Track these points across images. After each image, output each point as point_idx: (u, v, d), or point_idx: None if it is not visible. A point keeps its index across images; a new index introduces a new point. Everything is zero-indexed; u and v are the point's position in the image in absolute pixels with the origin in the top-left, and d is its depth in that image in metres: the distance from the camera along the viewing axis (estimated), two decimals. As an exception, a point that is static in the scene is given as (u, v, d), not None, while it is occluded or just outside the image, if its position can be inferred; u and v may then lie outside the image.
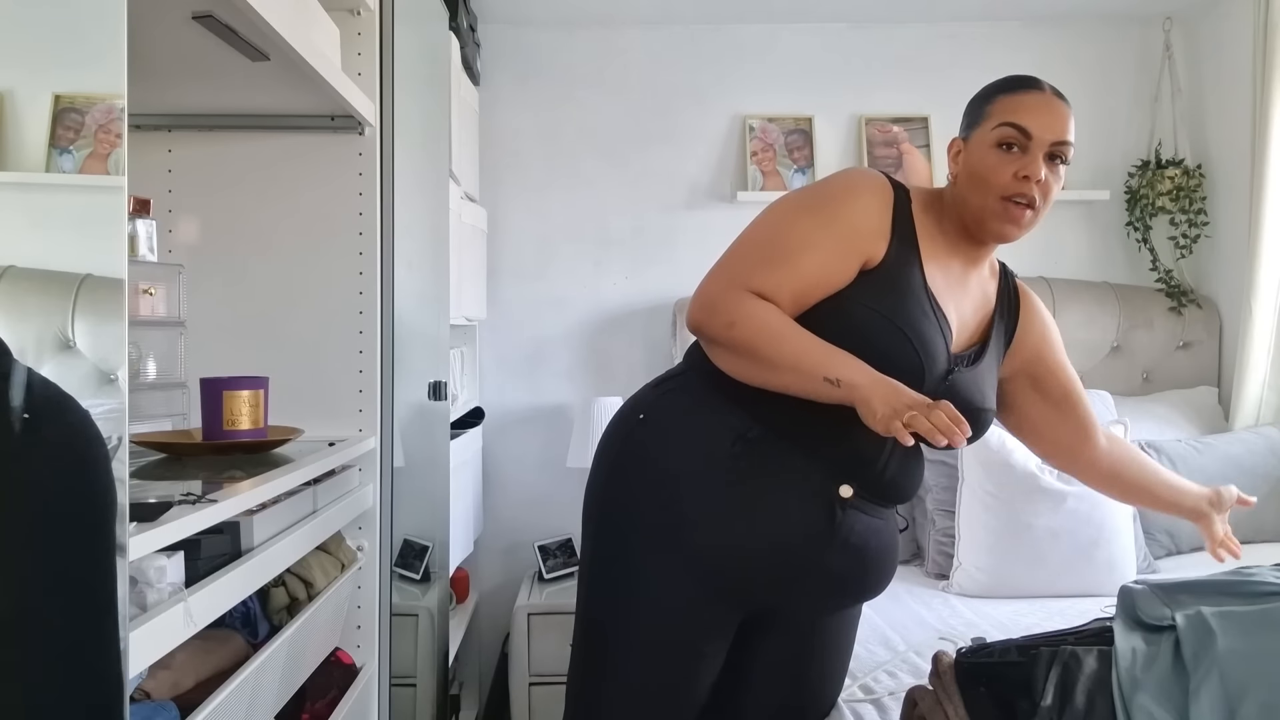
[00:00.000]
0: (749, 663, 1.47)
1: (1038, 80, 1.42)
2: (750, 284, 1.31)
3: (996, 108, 1.39)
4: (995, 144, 1.36)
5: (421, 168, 2.03)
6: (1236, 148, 2.91)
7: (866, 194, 1.38)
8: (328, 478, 1.51)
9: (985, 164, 1.37)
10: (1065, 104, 1.41)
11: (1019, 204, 1.35)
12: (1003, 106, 1.38)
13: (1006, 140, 1.36)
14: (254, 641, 1.35)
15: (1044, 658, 1.20)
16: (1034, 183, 1.34)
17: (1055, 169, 1.37)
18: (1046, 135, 1.35)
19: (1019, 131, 1.35)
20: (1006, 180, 1.34)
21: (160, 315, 1.56)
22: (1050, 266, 3.13)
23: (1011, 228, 1.37)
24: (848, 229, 1.34)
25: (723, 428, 1.35)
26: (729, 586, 1.37)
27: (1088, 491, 2.28)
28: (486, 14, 3.03)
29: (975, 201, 1.37)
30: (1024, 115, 1.36)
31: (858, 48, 3.12)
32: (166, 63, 1.39)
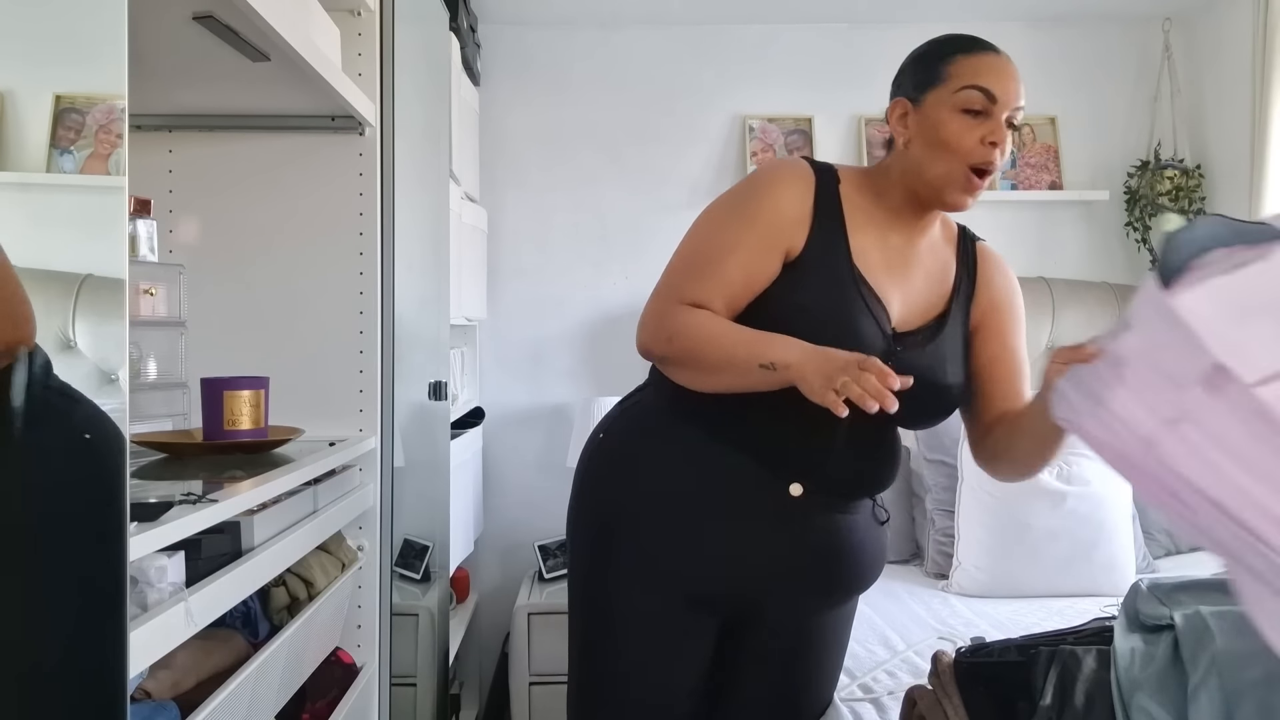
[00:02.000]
0: (741, 660, 1.47)
1: (989, 43, 1.38)
2: (684, 297, 1.30)
3: (957, 69, 1.33)
4: (961, 109, 1.31)
5: (421, 168, 2.03)
6: (1236, 148, 2.91)
7: (783, 184, 1.35)
8: (328, 478, 1.51)
9: (949, 129, 1.31)
10: (1016, 69, 1.36)
11: (984, 173, 1.31)
12: (965, 68, 1.33)
13: (973, 106, 1.30)
14: (254, 641, 1.35)
15: (1043, 657, 1.20)
16: (998, 149, 1.30)
17: (1012, 135, 1.33)
18: (1011, 100, 1.30)
19: (986, 96, 1.29)
20: (973, 146, 1.29)
21: (161, 315, 1.56)
22: (1050, 267, 3.13)
23: (968, 198, 1.32)
24: (766, 224, 1.31)
25: (677, 443, 1.37)
26: (696, 597, 1.38)
27: (1087, 491, 2.29)
28: (486, 14, 3.04)
29: (937, 169, 1.32)
30: (988, 78, 1.30)
31: (858, 48, 3.12)
32: (167, 63, 1.39)
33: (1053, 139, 3.13)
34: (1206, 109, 3.07)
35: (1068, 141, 3.14)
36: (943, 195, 1.33)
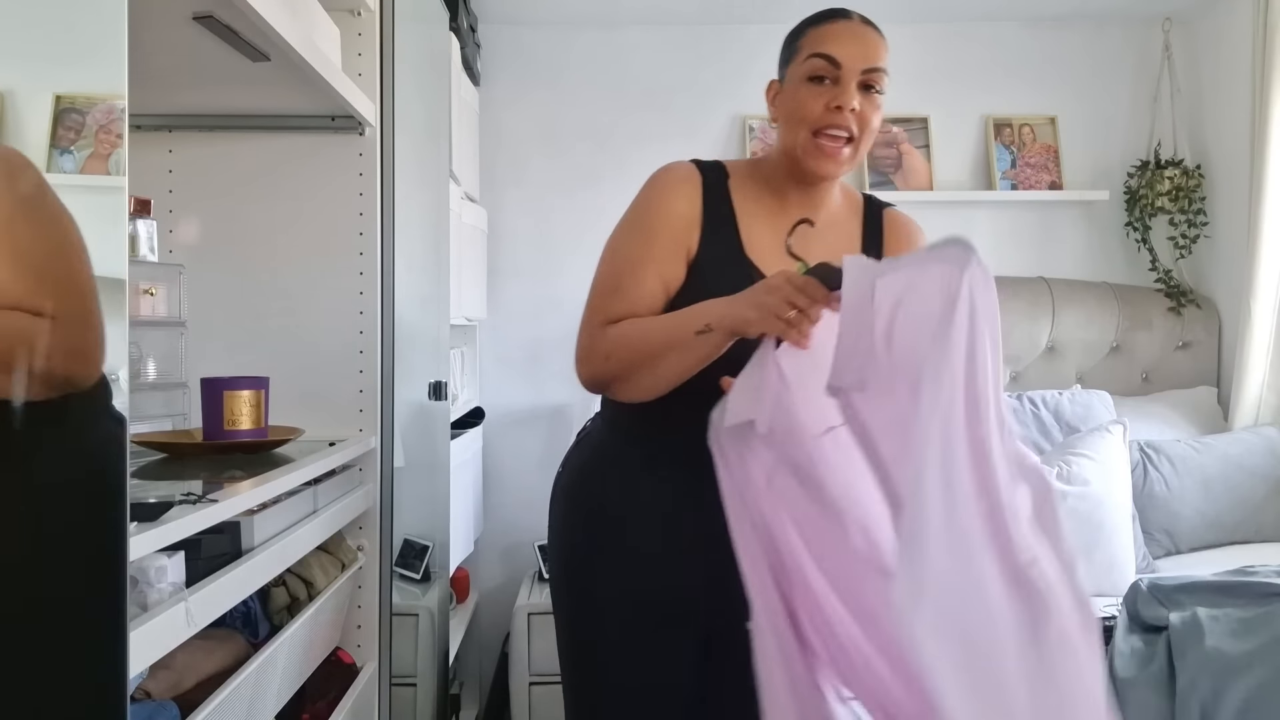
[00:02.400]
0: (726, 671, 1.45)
1: (846, 10, 1.38)
2: (609, 318, 1.33)
3: (805, 41, 1.35)
4: (806, 77, 1.33)
5: (421, 168, 2.03)
6: (1236, 148, 2.91)
7: (671, 190, 1.38)
8: (328, 478, 1.51)
9: (798, 99, 1.33)
10: (876, 32, 1.37)
11: (835, 137, 1.31)
12: (811, 39, 1.35)
13: (817, 73, 1.32)
14: (254, 641, 1.35)
15: (1043, 657, 1.19)
16: (847, 112, 1.30)
17: (871, 98, 1.33)
18: (856, 64, 1.31)
19: (828, 61, 1.31)
20: (819, 113, 1.30)
21: (161, 315, 1.56)
22: (1049, 267, 3.14)
23: (828, 163, 1.32)
24: (665, 232, 1.35)
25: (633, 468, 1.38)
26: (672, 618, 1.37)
27: (1087, 491, 2.29)
28: (486, 14, 3.04)
29: (792, 140, 1.34)
30: (831, 44, 1.32)
31: (857, 48, 3.12)
32: (167, 63, 1.39)
33: (1053, 139, 3.13)
34: (1206, 109, 3.07)
35: (1068, 141, 3.14)
36: (803, 165, 1.34)
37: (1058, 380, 2.98)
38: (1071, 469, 2.32)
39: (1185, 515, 2.55)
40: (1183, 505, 2.55)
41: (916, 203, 3.11)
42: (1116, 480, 2.34)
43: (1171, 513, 2.54)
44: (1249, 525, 2.58)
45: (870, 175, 3.10)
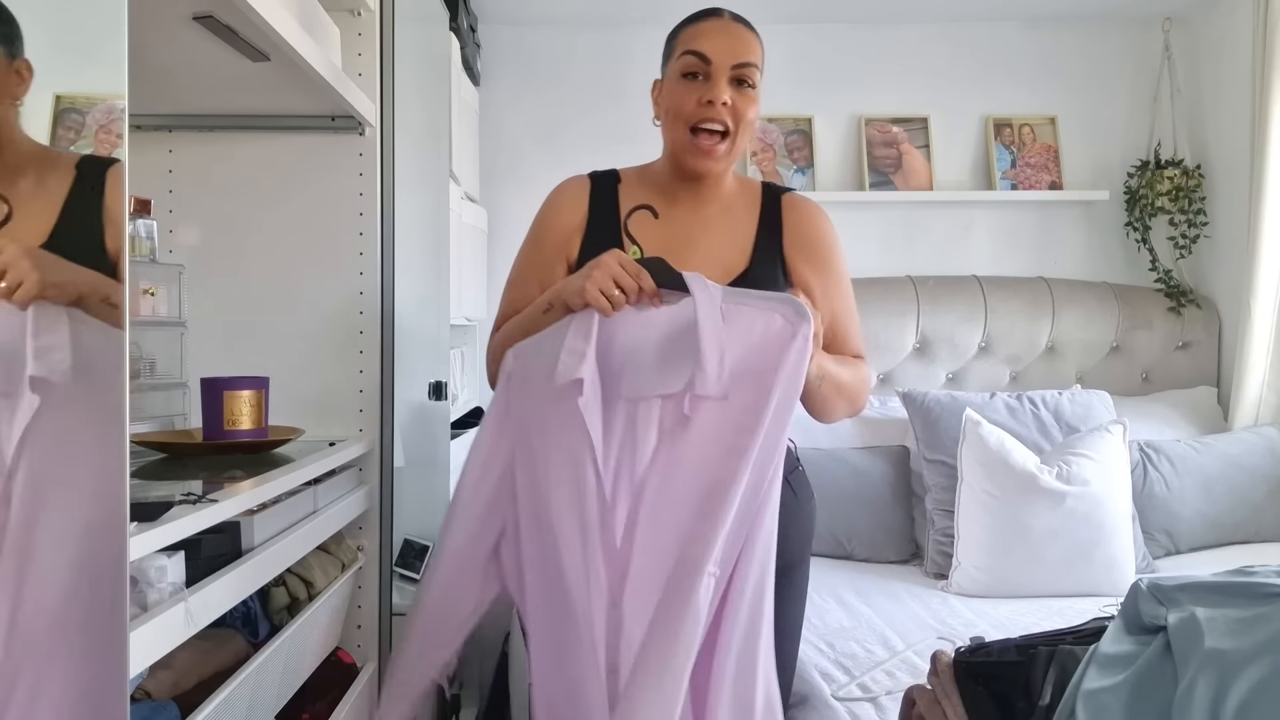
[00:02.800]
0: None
1: (719, 9, 1.43)
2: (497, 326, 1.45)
3: (680, 40, 1.41)
4: (680, 75, 1.38)
5: (421, 168, 2.03)
6: (1236, 148, 2.91)
7: (558, 201, 1.48)
8: (328, 478, 1.51)
9: (673, 95, 1.39)
10: (747, 29, 1.43)
11: (711, 133, 1.37)
12: (685, 38, 1.40)
13: (689, 69, 1.37)
14: (254, 641, 1.35)
15: (1042, 657, 1.20)
16: (719, 106, 1.35)
17: (744, 92, 1.38)
18: (726, 59, 1.37)
19: (698, 58, 1.37)
20: (692, 108, 1.36)
21: (161, 315, 1.57)
22: (1049, 267, 3.14)
23: (705, 160, 1.38)
24: (548, 242, 1.45)
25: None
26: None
27: (1087, 491, 2.29)
28: (486, 14, 3.04)
29: (670, 136, 1.41)
30: (701, 42, 1.37)
31: (858, 48, 3.12)
32: (167, 63, 1.39)
33: (1053, 139, 3.13)
34: (1206, 109, 3.07)
35: (1068, 141, 3.14)
36: (683, 160, 1.41)
37: (1058, 380, 2.99)
38: (1071, 469, 2.32)
39: (1185, 515, 2.55)
40: (1182, 505, 2.55)
41: (917, 203, 3.11)
42: (1116, 480, 2.34)
43: (1171, 513, 2.54)
44: (1249, 525, 2.58)
45: (870, 175, 3.10)
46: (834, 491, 2.56)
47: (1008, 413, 2.57)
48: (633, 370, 1.25)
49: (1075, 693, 1.11)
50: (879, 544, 2.58)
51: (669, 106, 1.40)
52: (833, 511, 2.56)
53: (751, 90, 1.39)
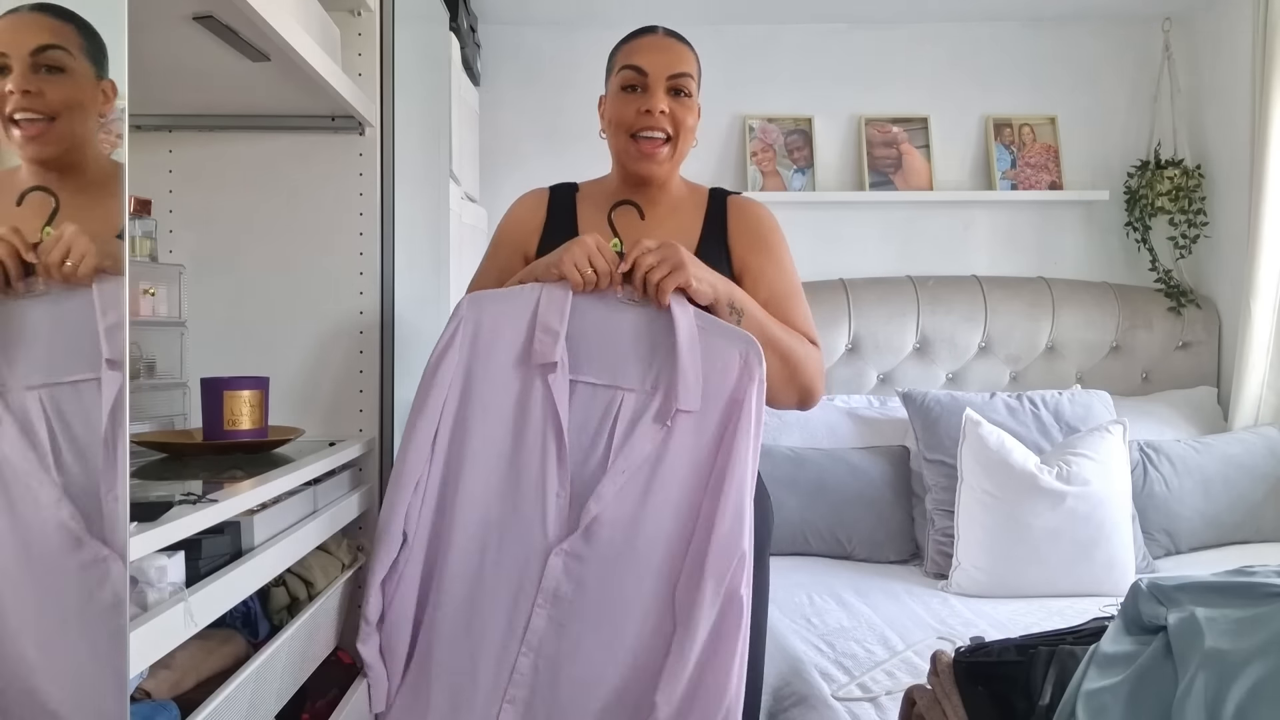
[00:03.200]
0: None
1: (654, 27, 1.54)
2: None
3: (619, 57, 1.51)
4: (620, 88, 1.48)
5: (421, 168, 2.03)
6: (1236, 148, 2.91)
7: (517, 208, 1.60)
8: (328, 478, 1.51)
9: (615, 109, 1.49)
10: (680, 43, 1.52)
11: (651, 139, 1.46)
12: (623, 54, 1.50)
13: (628, 83, 1.47)
14: (254, 641, 1.35)
15: (1042, 657, 1.20)
16: (657, 114, 1.45)
17: (681, 101, 1.48)
18: (662, 71, 1.46)
19: (636, 71, 1.46)
20: (632, 118, 1.46)
21: (161, 315, 1.57)
22: (1050, 266, 3.14)
23: (648, 162, 1.48)
24: (506, 242, 1.57)
25: None
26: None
27: (1087, 491, 2.29)
28: (486, 14, 3.04)
29: (615, 146, 1.51)
30: (638, 56, 1.47)
31: (858, 48, 3.12)
32: (167, 63, 1.39)
33: (1053, 139, 3.13)
34: (1206, 109, 3.07)
35: (1068, 141, 3.14)
36: (628, 166, 1.50)
37: (1058, 380, 2.99)
38: (1071, 469, 2.32)
39: (1185, 515, 2.55)
40: (1182, 505, 2.55)
41: (917, 203, 3.11)
42: (1116, 480, 2.34)
43: (1171, 513, 2.54)
44: (1249, 525, 2.59)
45: (870, 175, 3.10)
46: (834, 491, 2.57)
47: (1008, 413, 2.58)
48: (598, 358, 1.36)
49: (1075, 693, 1.11)
50: (879, 544, 2.58)
51: (611, 117, 1.49)
52: (833, 511, 2.56)
53: (688, 99, 1.49)
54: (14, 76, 0.86)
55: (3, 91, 0.87)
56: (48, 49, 0.87)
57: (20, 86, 0.86)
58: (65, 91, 0.87)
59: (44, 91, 0.87)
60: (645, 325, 1.35)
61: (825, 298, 2.98)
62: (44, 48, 0.87)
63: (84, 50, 0.87)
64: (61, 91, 0.87)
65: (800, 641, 1.97)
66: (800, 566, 2.46)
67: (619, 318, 1.36)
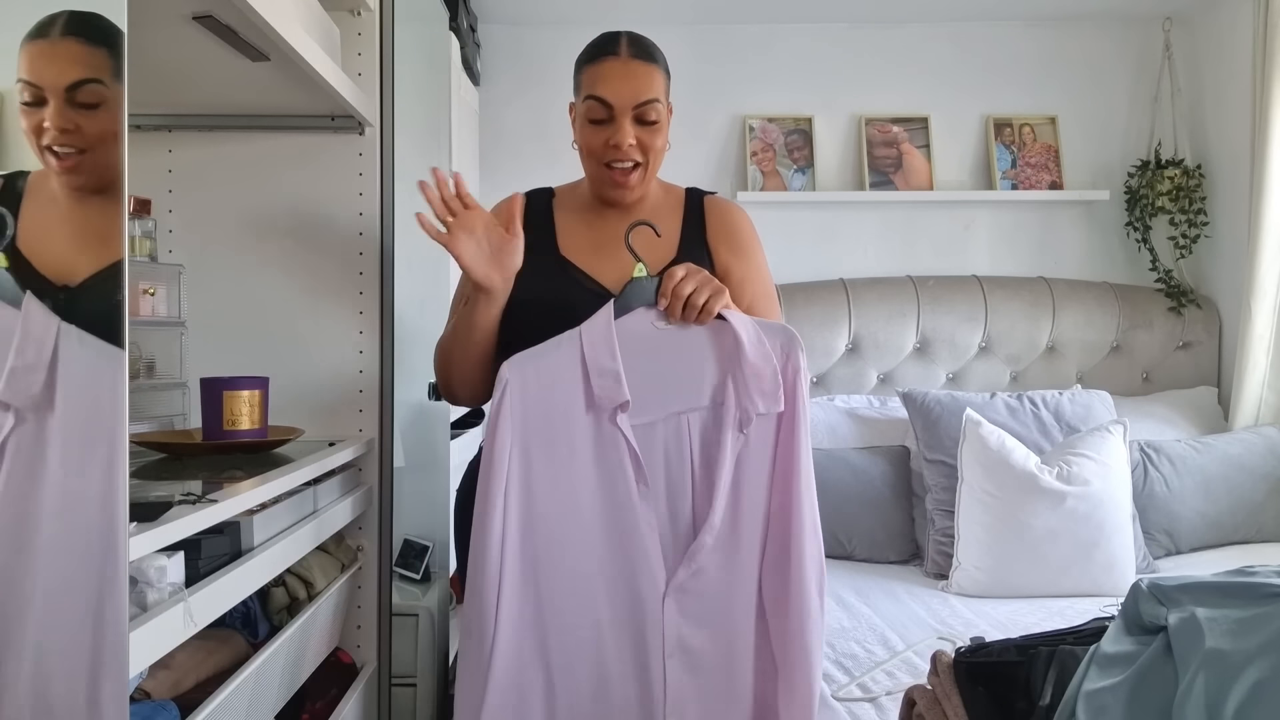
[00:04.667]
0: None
1: (616, 43, 1.49)
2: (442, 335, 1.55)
3: (584, 79, 1.48)
4: (586, 119, 1.46)
5: (421, 168, 2.03)
6: (1236, 148, 2.91)
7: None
8: (328, 478, 1.51)
9: (584, 137, 1.47)
10: (644, 63, 1.47)
11: (621, 168, 1.45)
12: (587, 79, 1.47)
13: (594, 115, 1.45)
14: (254, 641, 1.35)
15: (1042, 657, 1.20)
16: (625, 148, 1.43)
17: (648, 128, 1.46)
18: (627, 102, 1.43)
19: (600, 103, 1.43)
20: (600, 149, 1.45)
21: (160, 315, 1.57)
22: (1050, 266, 3.14)
23: (619, 190, 1.48)
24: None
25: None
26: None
27: (1087, 491, 2.29)
28: (486, 14, 3.04)
29: (587, 168, 1.50)
30: (602, 87, 1.44)
31: (858, 48, 3.12)
32: (166, 63, 1.39)
33: (1053, 139, 3.13)
34: (1206, 109, 3.07)
35: (1068, 141, 3.14)
36: (600, 191, 1.51)
37: (1058, 380, 2.99)
38: (1071, 469, 2.32)
39: (1185, 515, 2.55)
40: (1183, 505, 2.55)
41: (917, 203, 3.11)
42: (1117, 480, 2.34)
43: (1171, 513, 2.54)
44: (1249, 525, 2.58)
45: (870, 175, 3.10)
46: (834, 492, 2.56)
47: (1008, 413, 2.57)
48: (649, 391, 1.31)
49: (1075, 693, 1.11)
50: (879, 544, 2.58)
51: (581, 143, 1.48)
52: (833, 511, 2.56)
53: (655, 124, 1.46)
54: (50, 113, 0.86)
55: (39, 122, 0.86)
56: (83, 84, 0.86)
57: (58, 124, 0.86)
58: (101, 125, 0.87)
59: (81, 127, 0.87)
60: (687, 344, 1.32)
61: (825, 298, 2.98)
62: (80, 83, 0.86)
63: (116, 74, 0.86)
64: (98, 125, 0.87)
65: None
66: (800, 566, 2.46)
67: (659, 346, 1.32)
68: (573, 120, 1.52)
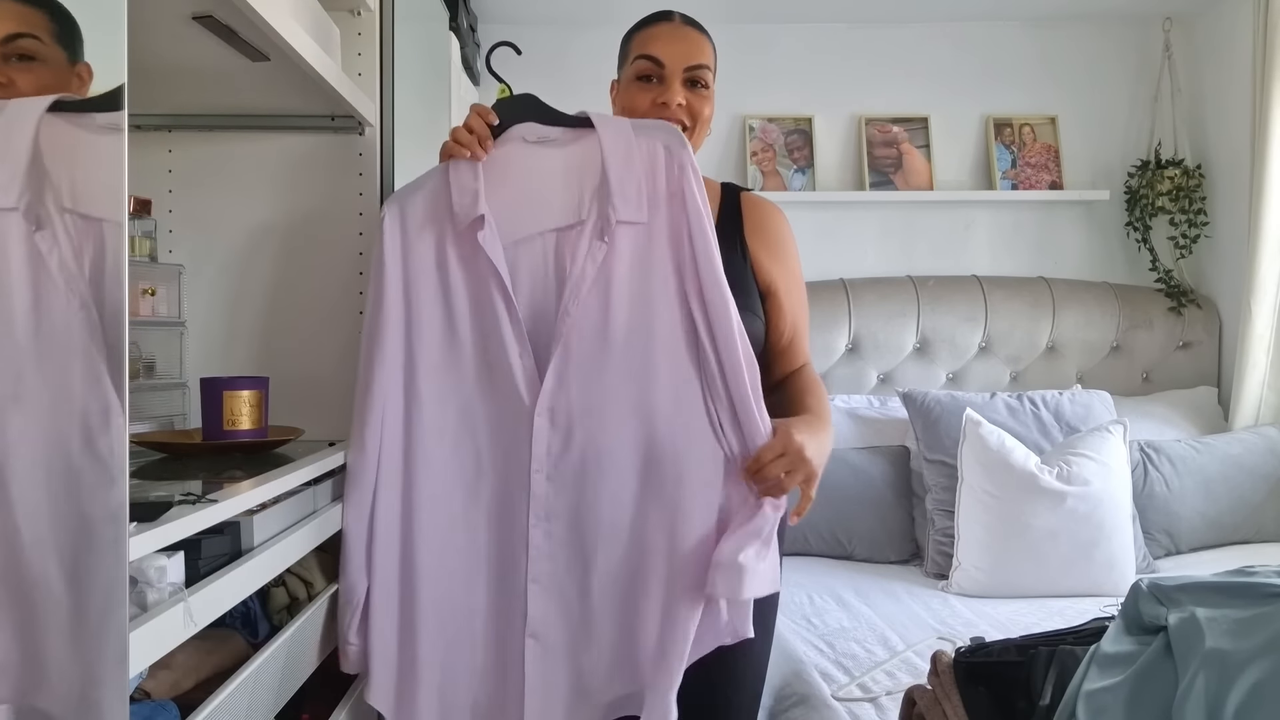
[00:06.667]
0: None
1: (670, 12, 1.49)
2: None
3: (634, 44, 1.46)
4: (635, 78, 1.44)
5: (421, 168, 2.03)
6: (1236, 148, 2.91)
7: None
8: (328, 478, 1.51)
9: (629, 98, 1.45)
10: (697, 31, 1.47)
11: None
12: (638, 42, 1.46)
13: (644, 73, 1.43)
14: (254, 641, 1.35)
15: (1042, 657, 1.20)
16: (674, 107, 1.41)
17: (698, 92, 1.44)
18: (678, 62, 1.42)
19: (652, 62, 1.42)
20: (646, 109, 1.42)
21: (160, 315, 1.57)
22: (1050, 267, 3.14)
23: None
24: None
25: None
26: None
27: (1087, 491, 2.29)
28: (486, 14, 3.04)
29: None
30: (654, 46, 1.43)
31: (858, 48, 3.12)
32: (166, 63, 1.39)
33: (1053, 139, 3.13)
34: (1206, 109, 3.07)
35: (1068, 141, 3.14)
36: None
37: (1058, 380, 2.99)
38: (1072, 469, 2.32)
39: (1185, 515, 2.55)
40: (1183, 505, 2.55)
41: (917, 203, 3.11)
42: (1117, 480, 2.34)
43: (1172, 513, 2.54)
44: (1249, 525, 2.59)
45: (870, 175, 3.10)
46: (834, 492, 2.56)
47: (1008, 413, 2.57)
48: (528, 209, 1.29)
49: (1075, 693, 1.11)
50: (879, 544, 2.58)
51: (626, 106, 1.46)
52: (833, 511, 2.56)
53: (705, 90, 1.45)
54: None
55: None
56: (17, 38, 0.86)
57: None
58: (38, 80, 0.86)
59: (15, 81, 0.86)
60: (567, 158, 1.31)
61: (825, 298, 2.98)
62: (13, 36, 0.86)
63: (55, 35, 0.86)
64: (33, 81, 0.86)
65: (800, 642, 1.97)
66: (800, 567, 2.46)
67: (537, 161, 1.32)
68: (614, 99, 1.51)
